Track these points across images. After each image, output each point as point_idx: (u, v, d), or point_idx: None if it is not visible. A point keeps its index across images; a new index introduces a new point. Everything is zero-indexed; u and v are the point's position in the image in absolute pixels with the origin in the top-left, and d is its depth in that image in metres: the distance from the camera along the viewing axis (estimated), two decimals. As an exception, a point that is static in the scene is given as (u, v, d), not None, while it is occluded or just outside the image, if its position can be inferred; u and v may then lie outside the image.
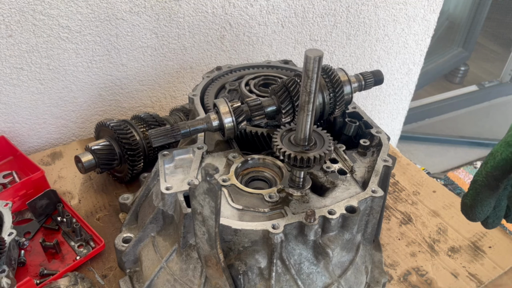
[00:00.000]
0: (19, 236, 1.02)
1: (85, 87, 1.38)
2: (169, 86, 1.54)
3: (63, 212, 1.08)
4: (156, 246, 0.86)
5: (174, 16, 1.38)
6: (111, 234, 1.05)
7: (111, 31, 1.31)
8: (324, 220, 0.75)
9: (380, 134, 0.95)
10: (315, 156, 0.74)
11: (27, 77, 1.26)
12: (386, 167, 0.88)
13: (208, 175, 0.57)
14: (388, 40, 1.97)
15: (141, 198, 0.97)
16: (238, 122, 0.85)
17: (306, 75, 0.68)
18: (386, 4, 1.82)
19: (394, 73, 2.15)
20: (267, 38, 1.62)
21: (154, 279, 0.83)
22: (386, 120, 2.38)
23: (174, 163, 0.87)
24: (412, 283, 0.99)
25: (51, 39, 1.23)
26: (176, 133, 0.82)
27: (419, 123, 3.68)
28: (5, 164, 1.25)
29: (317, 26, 1.71)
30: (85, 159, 1.09)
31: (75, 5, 1.21)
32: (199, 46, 1.50)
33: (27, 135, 1.38)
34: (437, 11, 2.02)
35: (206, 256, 0.71)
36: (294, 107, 0.86)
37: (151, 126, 1.17)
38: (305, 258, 0.78)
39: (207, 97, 1.04)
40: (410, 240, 1.10)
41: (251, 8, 1.50)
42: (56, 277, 0.92)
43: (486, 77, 4.21)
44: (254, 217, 0.76)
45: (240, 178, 0.86)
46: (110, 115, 1.49)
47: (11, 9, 1.13)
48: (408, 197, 1.24)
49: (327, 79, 0.88)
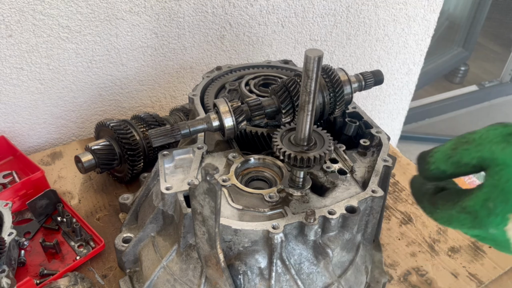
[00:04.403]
0: (19, 236, 1.02)
1: (85, 87, 1.38)
2: (169, 86, 1.54)
3: (63, 212, 1.08)
4: (156, 246, 0.86)
5: (174, 16, 1.38)
6: (111, 234, 1.05)
7: (111, 31, 1.31)
8: (324, 220, 0.75)
9: (380, 134, 0.95)
10: (315, 156, 0.74)
11: (27, 77, 1.26)
12: (386, 167, 0.88)
13: (208, 175, 0.57)
14: (388, 40, 1.97)
15: (141, 198, 0.97)
16: (238, 122, 0.85)
17: (306, 75, 0.68)
18: (386, 4, 1.82)
19: (394, 73, 2.15)
20: (267, 38, 1.62)
21: (154, 279, 0.83)
22: (386, 120, 2.38)
23: (174, 163, 0.87)
24: (412, 283, 0.99)
25: (51, 39, 1.23)
26: (176, 133, 0.82)
27: (419, 123, 3.68)
28: (5, 164, 1.25)
29: (317, 26, 1.71)
30: (85, 159, 1.09)
31: (75, 5, 1.21)
32: (199, 46, 1.50)
33: (27, 135, 1.38)
34: (437, 11, 2.02)
35: (206, 256, 0.71)
36: (294, 107, 0.86)
37: (151, 126, 1.17)
38: (305, 258, 0.78)
39: (207, 97, 1.04)
40: (410, 240, 1.10)
41: (251, 8, 1.50)
42: (56, 277, 0.92)
43: (486, 77, 4.21)
44: (254, 217, 0.76)
45: (240, 178, 0.86)
46: (110, 115, 1.49)
47: (11, 9, 1.13)
48: (408, 197, 1.24)
49: (327, 79, 0.88)
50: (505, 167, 0.44)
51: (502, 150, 0.45)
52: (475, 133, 0.48)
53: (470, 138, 0.48)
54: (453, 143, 0.50)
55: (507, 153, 0.44)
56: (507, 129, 0.46)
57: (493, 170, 0.45)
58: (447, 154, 0.50)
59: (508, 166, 0.44)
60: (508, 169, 0.44)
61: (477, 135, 0.48)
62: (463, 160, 0.49)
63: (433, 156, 0.52)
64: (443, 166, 0.51)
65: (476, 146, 0.47)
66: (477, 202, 0.47)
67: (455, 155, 0.49)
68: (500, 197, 0.44)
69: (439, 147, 0.52)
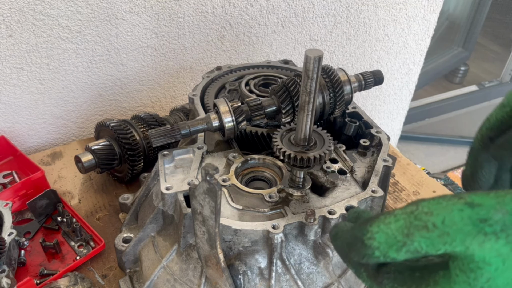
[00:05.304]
0: (19, 236, 1.02)
1: (85, 87, 1.38)
2: (169, 86, 1.54)
3: (63, 212, 1.08)
4: (156, 246, 0.86)
5: (174, 16, 1.38)
6: (111, 234, 1.05)
7: (111, 31, 1.31)
8: (324, 220, 0.75)
9: (380, 134, 0.95)
10: (315, 156, 0.74)
11: (27, 77, 1.26)
12: (386, 167, 0.88)
13: (208, 175, 0.57)
14: (388, 40, 1.97)
15: (141, 198, 0.97)
16: (238, 122, 0.85)
17: (306, 75, 0.68)
18: (386, 4, 1.82)
19: (394, 73, 2.15)
20: (267, 38, 1.62)
21: (154, 279, 0.83)
22: (386, 120, 2.38)
23: (174, 163, 0.87)
24: (412, 283, 0.99)
25: (51, 39, 1.23)
26: (176, 133, 0.82)
27: (419, 123, 3.68)
28: (5, 164, 1.25)
29: (317, 26, 1.71)
30: (85, 159, 1.09)
31: (75, 5, 1.21)
32: (199, 46, 1.50)
33: (27, 135, 1.38)
34: (437, 11, 2.02)
35: (206, 256, 0.71)
36: (294, 107, 0.86)
37: (151, 126, 1.17)
38: (305, 258, 0.78)
39: (207, 97, 1.04)
40: (410, 240, 1.10)
41: (251, 8, 1.50)
42: (56, 277, 0.92)
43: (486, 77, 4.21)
44: (254, 217, 0.76)
45: (240, 178, 0.86)
46: (110, 115, 1.49)
47: (11, 9, 1.13)
48: (408, 197, 1.24)
49: (327, 79, 0.88)
50: (484, 265, 0.36)
51: (480, 245, 0.35)
52: (433, 215, 0.36)
53: (429, 222, 0.36)
54: (403, 226, 0.38)
55: (487, 250, 0.35)
56: (476, 213, 0.35)
57: (467, 266, 0.36)
58: (398, 241, 0.38)
59: (488, 265, 0.36)
60: (488, 268, 0.36)
61: (437, 218, 0.36)
62: (423, 251, 0.37)
63: (374, 238, 0.39)
64: (393, 254, 0.38)
65: (441, 235, 0.36)
66: None
67: (411, 244, 0.37)
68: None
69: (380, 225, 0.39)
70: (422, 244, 0.37)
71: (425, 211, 0.37)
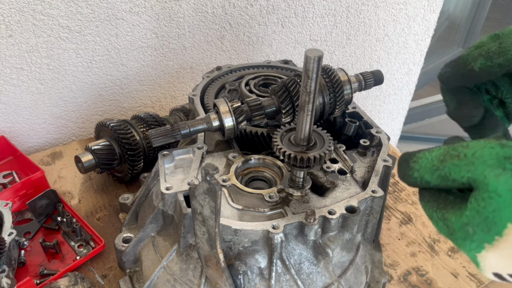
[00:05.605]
0: (19, 236, 1.02)
1: (85, 87, 1.38)
2: (169, 86, 1.54)
3: (63, 212, 1.08)
4: (156, 246, 0.86)
5: (174, 16, 1.38)
6: (111, 234, 1.05)
7: (111, 31, 1.31)
8: (324, 220, 0.75)
9: (380, 134, 0.95)
10: (315, 156, 0.74)
11: (27, 77, 1.26)
12: (386, 167, 0.88)
13: (208, 175, 0.57)
14: (388, 40, 1.97)
15: (141, 198, 0.97)
16: (238, 122, 0.85)
17: (306, 75, 0.68)
18: (386, 4, 1.82)
19: (394, 73, 2.15)
20: (267, 38, 1.62)
21: (154, 279, 0.83)
22: (386, 120, 2.38)
23: (174, 163, 0.87)
24: (412, 283, 0.99)
25: (51, 39, 1.23)
26: (176, 133, 0.82)
27: (419, 123, 3.68)
28: (5, 164, 1.25)
29: (317, 26, 1.71)
30: (85, 159, 1.09)
31: (75, 5, 1.21)
32: (199, 46, 1.50)
33: (27, 135, 1.38)
34: (437, 11, 2.02)
35: (206, 256, 0.71)
36: (294, 107, 0.86)
37: (151, 126, 1.17)
38: (305, 258, 0.78)
39: (207, 97, 1.04)
40: (410, 240, 1.10)
41: (251, 8, 1.50)
42: (56, 277, 0.92)
43: (486, 77, 4.20)
44: (254, 217, 0.76)
45: (240, 178, 0.86)
46: (110, 115, 1.49)
47: (11, 9, 1.13)
48: (408, 197, 1.24)
49: (327, 79, 0.88)
50: (495, 196, 0.40)
51: (496, 177, 0.40)
52: (468, 148, 0.43)
53: (462, 152, 0.43)
54: (441, 153, 0.45)
55: (501, 182, 0.39)
56: (504, 151, 0.40)
57: (481, 195, 0.41)
58: (434, 165, 0.45)
59: (499, 195, 0.40)
60: (497, 199, 0.40)
61: (470, 151, 0.42)
62: (452, 176, 0.44)
63: (418, 162, 0.47)
64: (428, 177, 0.46)
65: (468, 164, 0.42)
66: (457, 222, 0.44)
67: (443, 168, 0.44)
68: (481, 225, 0.41)
69: (425, 152, 0.47)
70: (451, 170, 0.43)
71: (463, 144, 0.44)
